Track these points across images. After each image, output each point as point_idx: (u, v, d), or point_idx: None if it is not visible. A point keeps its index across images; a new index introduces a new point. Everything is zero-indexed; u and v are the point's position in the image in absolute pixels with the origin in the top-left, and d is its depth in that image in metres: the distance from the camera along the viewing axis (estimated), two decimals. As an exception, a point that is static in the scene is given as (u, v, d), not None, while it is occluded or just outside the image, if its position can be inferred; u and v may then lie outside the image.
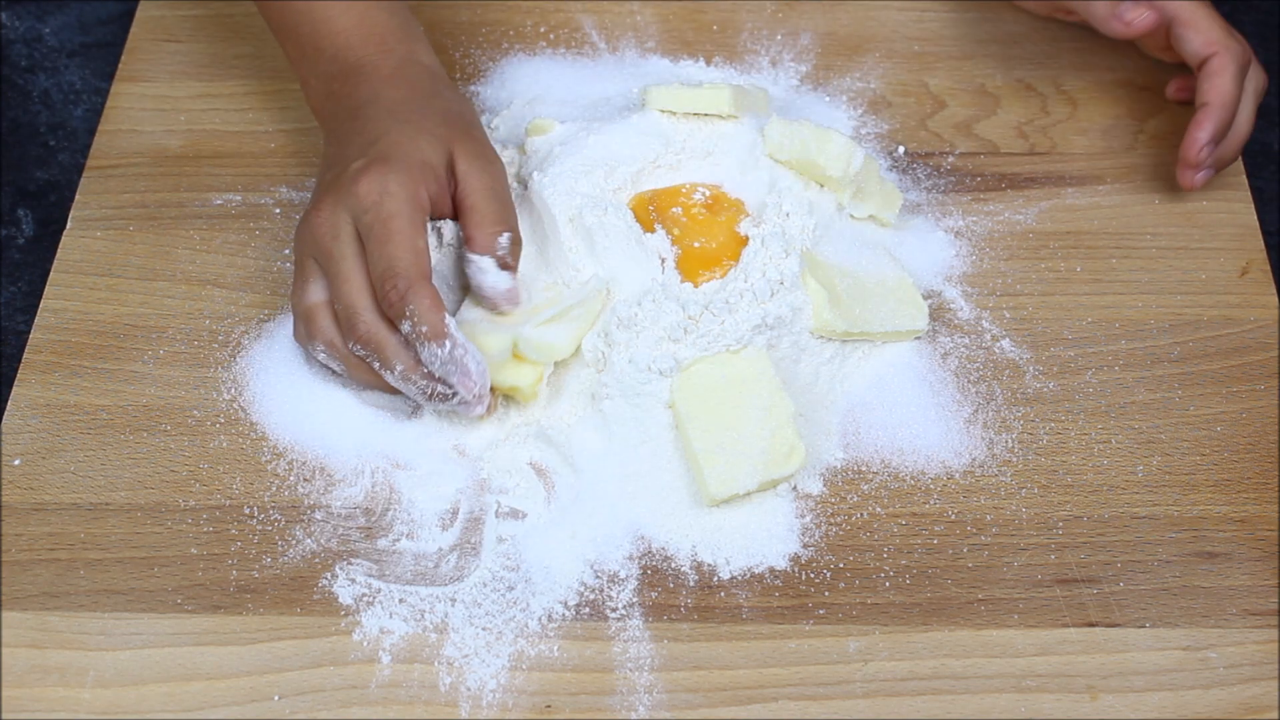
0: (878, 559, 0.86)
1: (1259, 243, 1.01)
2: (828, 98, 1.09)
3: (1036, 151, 1.06)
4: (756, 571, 0.86)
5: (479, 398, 0.86)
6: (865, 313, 0.93)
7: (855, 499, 0.89)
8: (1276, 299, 0.98)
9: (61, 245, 1.00)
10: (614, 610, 0.84)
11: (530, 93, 1.08)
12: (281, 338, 0.94)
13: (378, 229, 0.86)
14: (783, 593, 0.85)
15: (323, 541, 0.86)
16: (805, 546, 0.87)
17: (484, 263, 0.89)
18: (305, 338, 0.90)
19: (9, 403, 0.92)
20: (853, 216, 0.98)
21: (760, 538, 0.87)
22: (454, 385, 0.86)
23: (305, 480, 0.89)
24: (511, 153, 1.00)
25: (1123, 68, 1.10)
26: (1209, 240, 1.01)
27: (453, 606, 0.84)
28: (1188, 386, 0.94)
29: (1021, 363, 0.95)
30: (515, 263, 0.90)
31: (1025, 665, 0.82)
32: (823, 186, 0.97)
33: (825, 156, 0.95)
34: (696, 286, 0.91)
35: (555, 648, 0.83)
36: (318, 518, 0.87)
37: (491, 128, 1.05)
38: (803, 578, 0.85)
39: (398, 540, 0.87)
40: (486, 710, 0.80)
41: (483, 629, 0.83)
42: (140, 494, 0.88)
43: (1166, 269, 1.00)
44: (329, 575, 0.85)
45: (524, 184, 0.96)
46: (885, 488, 0.89)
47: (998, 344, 0.96)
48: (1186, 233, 1.02)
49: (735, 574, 0.85)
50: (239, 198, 1.02)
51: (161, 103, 1.08)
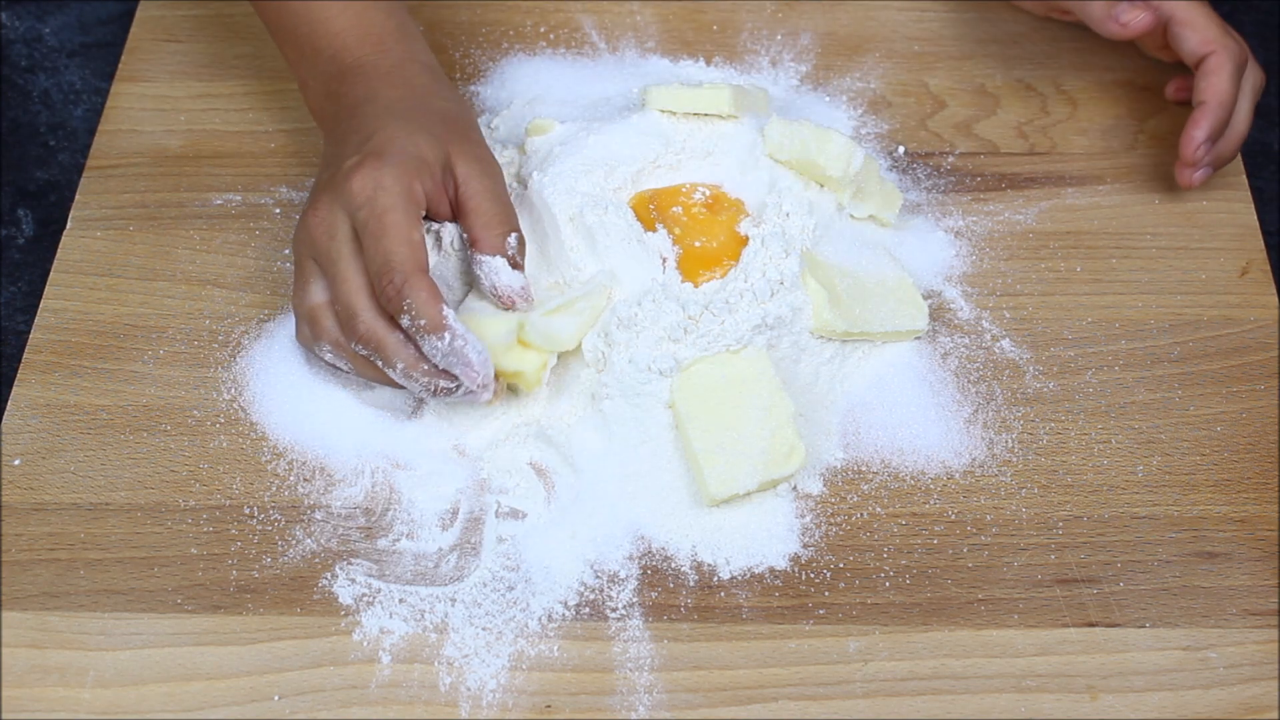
0: (878, 559, 0.86)
1: (1259, 243, 1.01)
2: (828, 98, 1.09)
3: (1036, 151, 1.06)
4: (756, 571, 0.86)
5: (484, 386, 0.86)
6: (865, 313, 0.93)
7: (855, 499, 0.89)
8: (1276, 299, 0.98)
9: (61, 245, 1.00)
10: (614, 610, 0.84)
11: (530, 93, 1.08)
12: (281, 338, 0.94)
13: (372, 224, 0.86)
14: (783, 593, 0.85)
15: (323, 541, 0.86)
16: (805, 546, 0.87)
17: (496, 263, 0.89)
18: (310, 339, 0.90)
19: (9, 403, 0.92)
20: (853, 216, 0.98)
21: (760, 538, 0.87)
22: (457, 376, 0.86)
23: (305, 480, 0.89)
24: (511, 153, 1.00)
25: (1123, 68, 1.10)
26: (1209, 240, 1.01)
27: (453, 606, 0.84)
28: (1188, 386, 0.94)
29: (1021, 363, 0.95)
30: (524, 261, 0.90)
31: (1025, 665, 0.82)
32: (823, 186, 0.97)
33: (825, 156, 0.95)
34: (696, 286, 0.91)
35: (555, 648, 0.82)
36: (318, 518, 0.87)
37: (491, 128, 1.05)
38: (803, 578, 0.85)
39: (398, 540, 0.87)
40: (486, 710, 0.80)
41: (483, 629, 0.83)
42: (140, 494, 0.88)
43: (1166, 269, 1.00)
44: (329, 575, 0.85)
45: (524, 184, 0.96)
46: (885, 488, 0.89)
47: (998, 344, 0.96)
48: (1186, 233, 1.02)
49: (735, 574, 0.85)
50: (239, 198, 1.02)
51: (161, 103, 1.08)
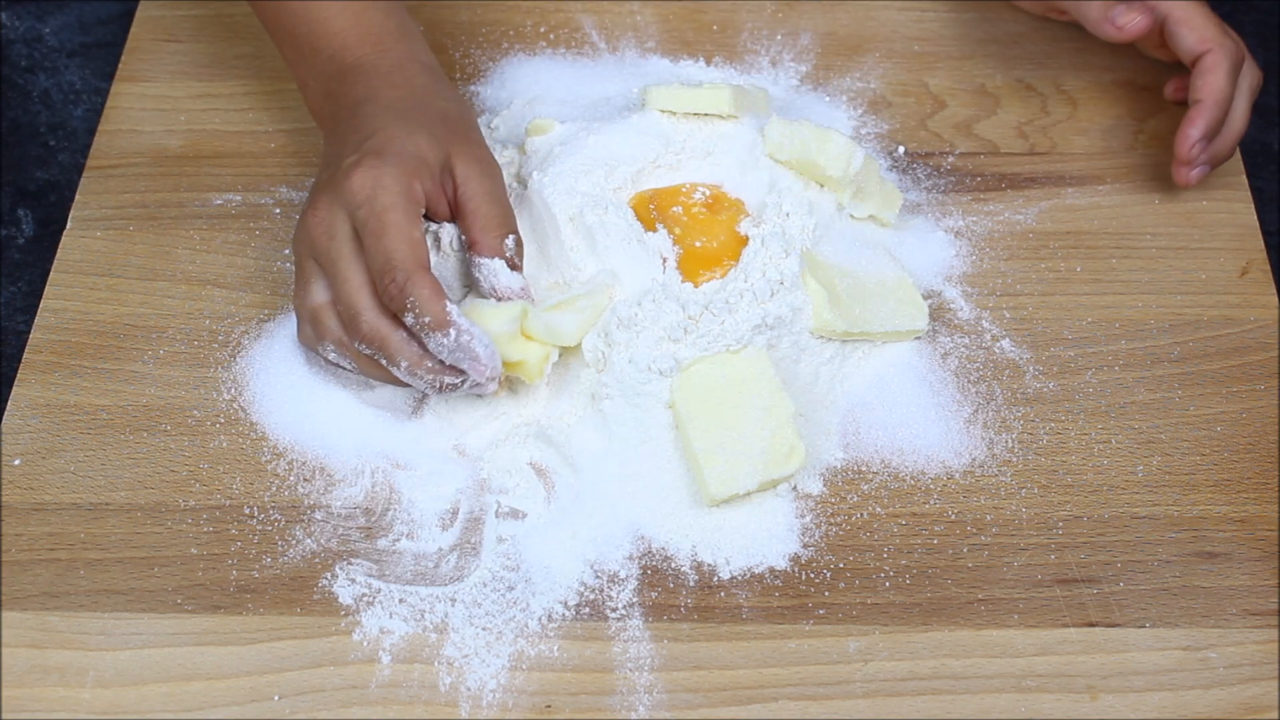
0: (878, 559, 0.86)
1: (1259, 243, 1.01)
2: (828, 98, 1.09)
3: (1036, 151, 1.06)
4: (756, 571, 0.86)
5: (491, 379, 0.86)
6: (865, 313, 0.93)
7: (855, 499, 0.89)
8: (1276, 299, 0.98)
9: (61, 245, 1.00)
10: (614, 610, 0.84)
11: (530, 93, 1.08)
12: (281, 338, 0.94)
13: (372, 223, 0.85)
14: (783, 593, 0.85)
15: (323, 541, 0.86)
16: (805, 546, 0.87)
17: (495, 265, 0.89)
18: (312, 339, 0.90)
19: (9, 403, 0.92)
20: (853, 216, 0.98)
21: (760, 538, 0.87)
22: (465, 370, 0.86)
23: (305, 480, 0.89)
24: (511, 153, 1.00)
25: (1122, 68, 1.10)
26: (1209, 240, 1.01)
27: (453, 606, 0.84)
28: (1188, 386, 0.94)
29: (1021, 363, 0.95)
30: (522, 263, 0.90)
31: (1025, 665, 0.82)
32: (823, 186, 0.97)
33: (825, 156, 0.95)
34: (696, 286, 0.91)
35: (555, 648, 0.82)
36: (318, 518, 0.87)
37: (491, 128, 1.05)
38: (803, 578, 0.85)
39: (398, 540, 0.87)
40: (486, 710, 0.80)
41: (483, 629, 0.83)
42: (140, 494, 0.88)
43: (1166, 269, 1.00)
44: (329, 575, 0.85)
45: (524, 184, 0.96)
46: (885, 488, 0.89)
47: (998, 344, 0.96)
48: (1186, 233, 1.02)
49: (735, 574, 0.85)
50: (239, 198, 1.02)
51: (161, 103, 1.08)
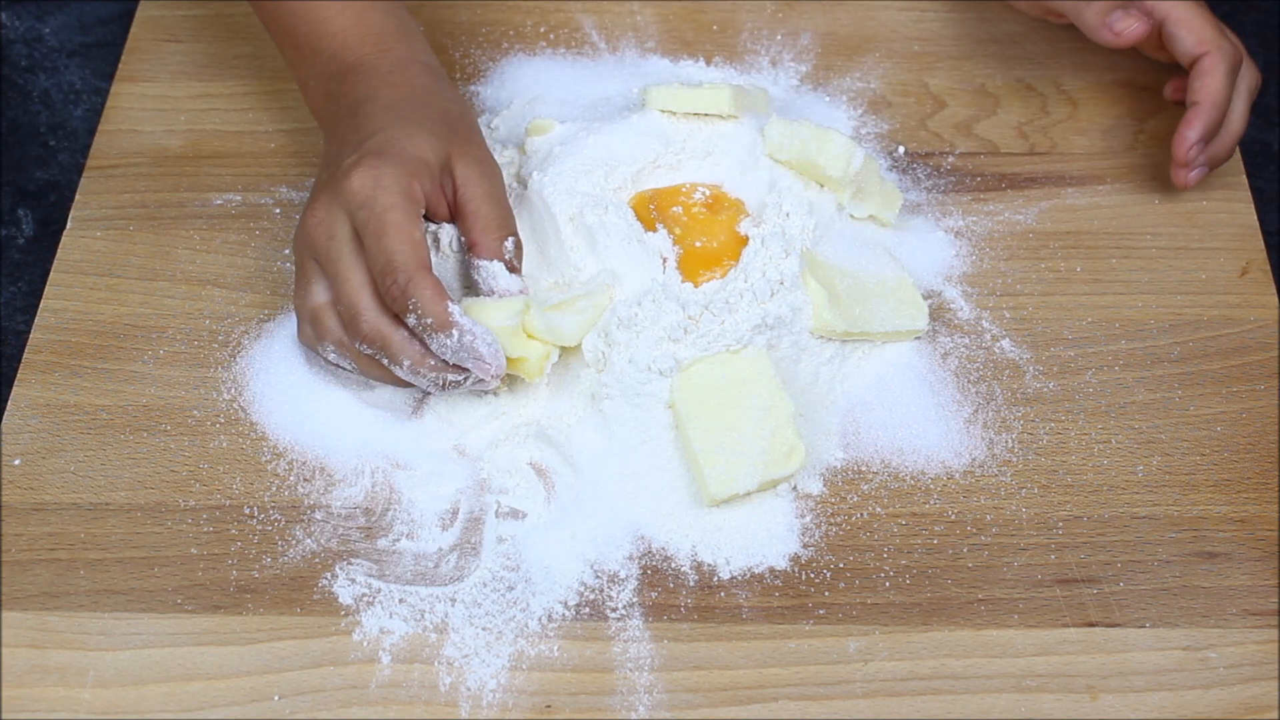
0: (878, 559, 0.86)
1: (1259, 243, 1.01)
2: (828, 98, 1.09)
3: (1036, 151, 1.06)
4: (756, 571, 0.86)
5: (496, 376, 0.86)
6: (865, 313, 0.93)
7: (855, 499, 0.89)
8: (1276, 299, 0.98)
9: (61, 245, 1.00)
10: (614, 610, 0.84)
11: (530, 93, 1.08)
12: (281, 338, 0.94)
13: (372, 224, 0.85)
14: (783, 593, 0.85)
15: (323, 541, 0.86)
16: (805, 546, 0.87)
17: (494, 267, 0.89)
18: (313, 339, 0.90)
19: (9, 403, 0.92)
20: (853, 216, 0.98)
21: (760, 538, 0.87)
22: (469, 368, 0.86)
23: (305, 480, 0.89)
24: (511, 152, 1.00)
25: (1123, 68, 1.10)
26: (1209, 240, 1.01)
27: (453, 606, 0.84)
28: (1188, 386, 0.94)
29: (1021, 363, 0.95)
30: (520, 265, 0.90)
31: (1025, 665, 0.82)
32: (823, 186, 0.97)
33: (825, 156, 0.95)
34: (696, 286, 0.91)
35: (555, 648, 0.82)
36: (318, 518, 0.87)
37: (491, 128, 1.05)
38: (803, 578, 0.85)
39: (398, 540, 0.87)
40: (486, 710, 0.80)
41: (483, 629, 0.83)
42: (140, 494, 0.88)
43: (1166, 269, 1.00)
44: (329, 575, 0.85)
45: (524, 184, 0.96)
46: (885, 488, 0.89)
47: (998, 344, 0.96)
48: (1186, 233, 1.02)
49: (735, 574, 0.85)
50: (239, 198, 1.02)
51: (161, 103, 1.08)
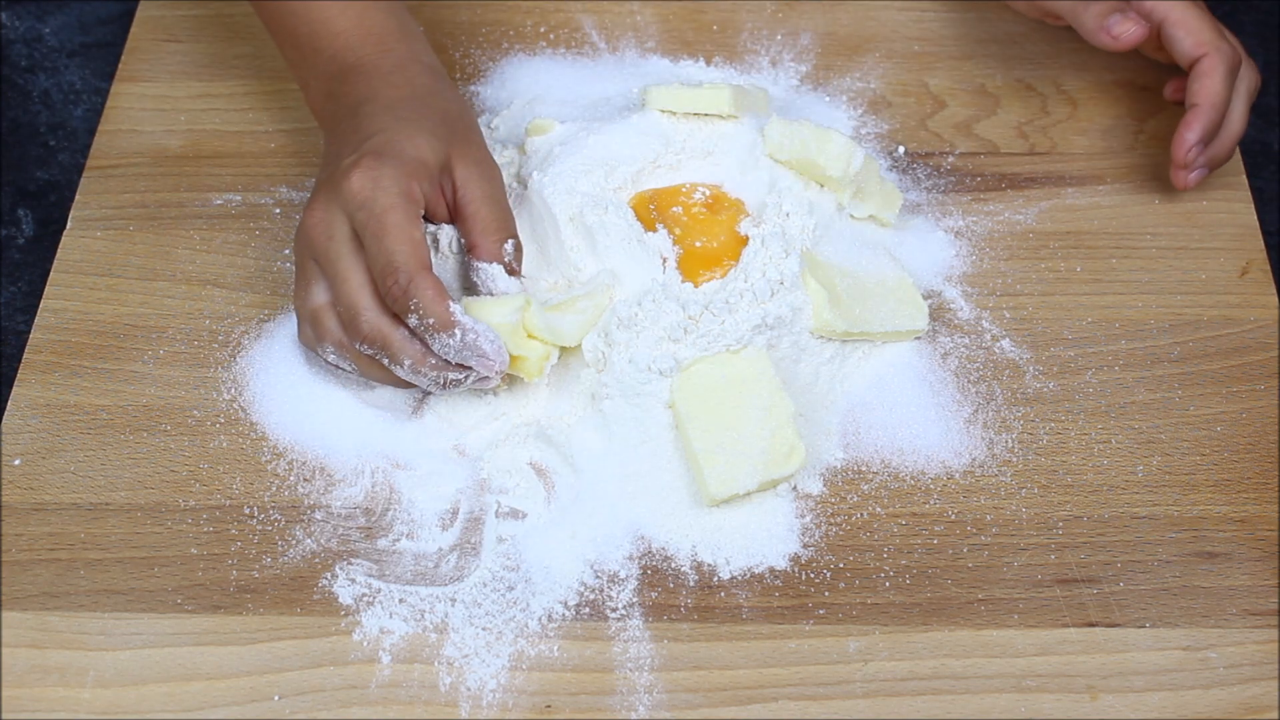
0: (878, 559, 0.86)
1: (1259, 243, 1.01)
2: (828, 98, 1.09)
3: (1036, 151, 1.06)
4: (756, 571, 0.86)
5: (499, 372, 0.86)
6: (865, 313, 0.93)
7: (855, 499, 0.89)
8: (1276, 299, 0.98)
9: (61, 245, 1.00)
10: (614, 610, 0.84)
11: (530, 93, 1.08)
12: (281, 338, 0.94)
13: (372, 225, 0.85)
14: (783, 593, 0.85)
15: (323, 541, 0.86)
16: (805, 546, 0.87)
17: (493, 270, 0.89)
18: (313, 340, 0.90)
19: (9, 403, 0.92)
20: (853, 216, 0.98)
21: (760, 538, 0.87)
22: (473, 367, 0.86)
23: (305, 480, 0.89)
24: (511, 153, 1.00)
25: (1123, 68, 1.10)
26: (1209, 240, 1.01)
27: (453, 606, 0.84)
28: (1188, 386, 0.94)
29: (1021, 363, 0.95)
30: (520, 268, 0.90)
31: (1025, 665, 0.82)
32: (823, 186, 0.97)
33: (825, 156, 0.95)
34: (697, 286, 0.91)
35: (555, 648, 0.82)
36: (318, 518, 0.87)
37: (491, 128, 1.05)
38: (803, 578, 0.85)
39: (398, 540, 0.87)
40: (486, 710, 0.80)
41: (483, 629, 0.83)
42: (140, 494, 0.88)
43: (1166, 269, 1.00)
44: (329, 575, 0.85)
45: (524, 184, 0.96)
46: (885, 488, 0.89)
47: (998, 344, 0.96)
48: (1186, 233, 1.02)
49: (735, 574, 0.85)
50: (239, 198, 1.02)
51: (161, 103, 1.08)
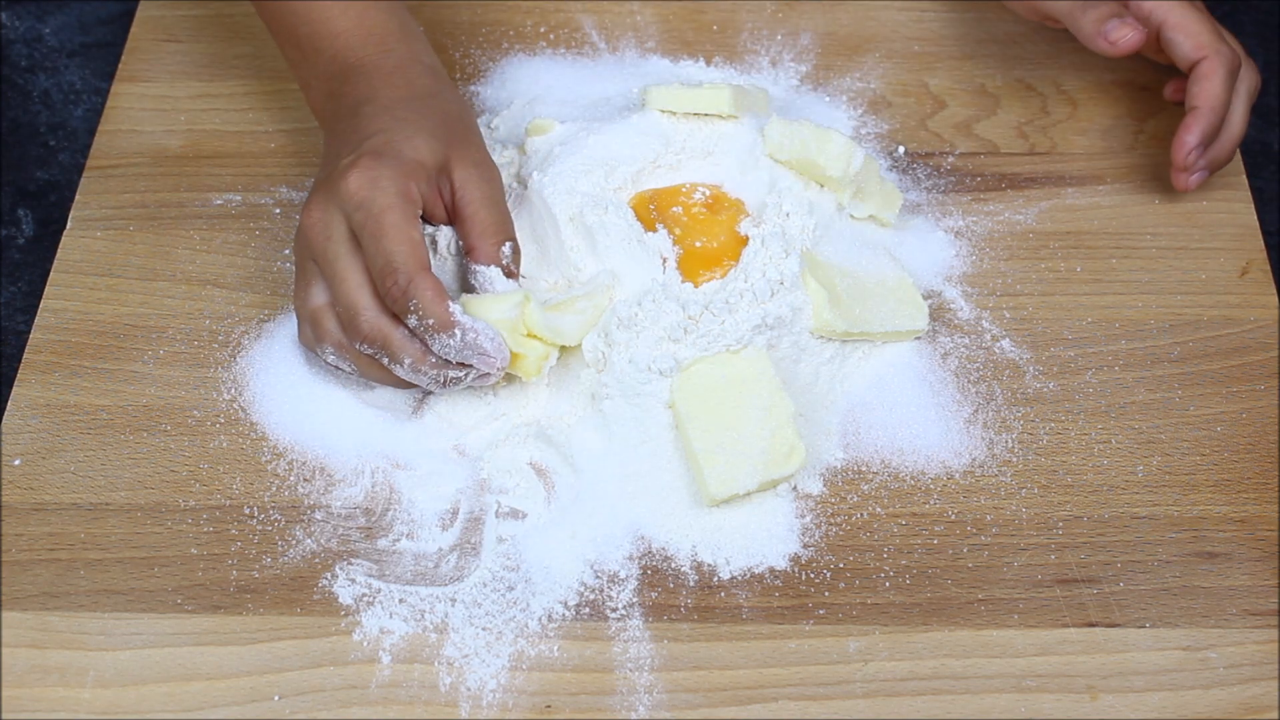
0: (878, 559, 0.86)
1: (1259, 243, 1.01)
2: (828, 98, 1.09)
3: (1036, 151, 1.06)
4: (756, 571, 0.86)
5: (501, 369, 0.86)
6: (865, 313, 0.93)
7: (855, 499, 0.89)
8: (1276, 299, 0.98)
9: (61, 245, 1.00)
10: (614, 610, 0.84)
11: (530, 93, 1.08)
12: (281, 338, 0.94)
13: (370, 225, 0.85)
14: (783, 593, 0.85)
15: (323, 541, 0.86)
16: (805, 546, 0.87)
17: (491, 273, 0.89)
18: (312, 341, 0.90)
19: (9, 403, 0.92)
20: (853, 216, 0.98)
21: (760, 538, 0.87)
22: (474, 364, 0.86)
23: (305, 480, 0.89)
24: (511, 153, 1.00)
25: (1123, 68, 1.10)
26: (1209, 240, 1.01)
27: (453, 606, 0.84)
28: (1188, 386, 0.94)
29: (1021, 363, 0.95)
30: (518, 270, 0.90)
31: (1025, 665, 0.82)
32: (823, 186, 0.97)
33: (825, 156, 0.95)
34: (697, 286, 0.91)
35: (555, 648, 0.82)
36: (318, 518, 0.87)
37: (491, 128, 1.05)
38: (803, 578, 0.85)
39: (398, 540, 0.87)
40: (486, 710, 0.80)
41: (483, 629, 0.83)
42: (140, 494, 0.88)
43: (1166, 269, 1.00)
44: (329, 575, 0.85)
45: (524, 184, 0.96)
46: (885, 488, 0.89)
47: (998, 344, 0.96)
48: (1186, 233, 1.02)
49: (735, 574, 0.85)
50: (239, 198, 1.02)
51: (161, 103, 1.08)
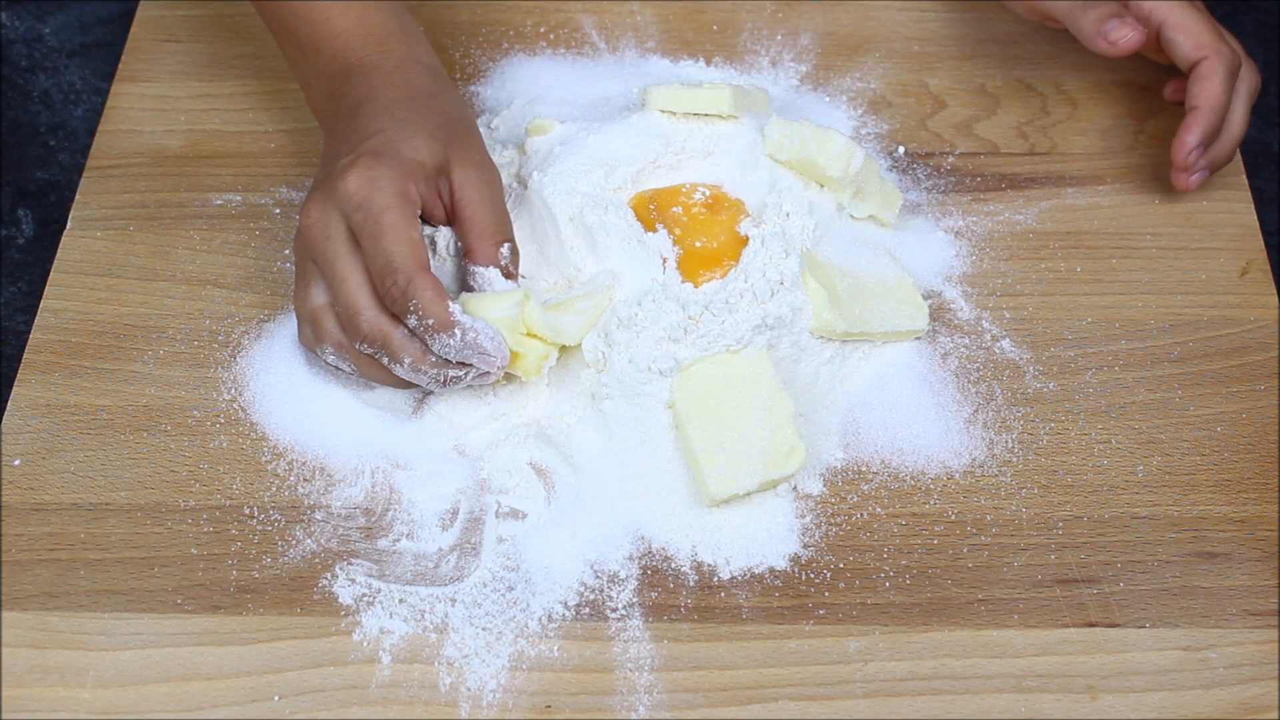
0: (878, 559, 0.86)
1: (1259, 243, 1.01)
2: (828, 98, 1.09)
3: (1036, 151, 1.06)
4: (756, 571, 0.86)
5: (501, 367, 0.87)
6: (865, 313, 0.93)
7: (855, 499, 0.89)
8: (1276, 299, 0.98)
9: (61, 245, 1.00)
10: (614, 610, 0.84)
11: (530, 93, 1.08)
12: (281, 338, 0.94)
13: (369, 226, 0.85)
14: (783, 593, 0.85)
15: (323, 541, 0.86)
16: (805, 546, 0.87)
17: (490, 274, 0.89)
18: (312, 341, 0.90)
19: (9, 403, 0.92)
20: (853, 216, 0.98)
21: (760, 538, 0.87)
22: (474, 363, 0.86)
23: (305, 480, 0.89)
24: (511, 153, 1.00)
25: (1123, 68, 1.10)
26: (1209, 240, 1.01)
27: (453, 606, 0.84)
28: (1188, 386, 0.94)
29: (1021, 363, 0.95)
30: (516, 271, 0.90)
31: (1025, 665, 0.82)
32: (823, 186, 0.97)
33: (825, 156, 0.95)
34: (697, 286, 0.91)
35: (555, 648, 0.82)
36: (318, 518, 0.87)
37: (491, 128, 1.05)
38: (803, 578, 0.85)
39: (398, 540, 0.87)
40: (486, 710, 0.80)
41: (483, 629, 0.83)
42: (140, 494, 0.88)
43: (1166, 269, 1.00)
44: (329, 575, 0.85)
45: (524, 184, 0.96)
46: (885, 488, 0.89)
47: (998, 344, 0.96)
48: (1186, 233, 1.02)
49: (735, 574, 0.85)
50: (239, 198, 1.02)
51: (161, 103, 1.08)
